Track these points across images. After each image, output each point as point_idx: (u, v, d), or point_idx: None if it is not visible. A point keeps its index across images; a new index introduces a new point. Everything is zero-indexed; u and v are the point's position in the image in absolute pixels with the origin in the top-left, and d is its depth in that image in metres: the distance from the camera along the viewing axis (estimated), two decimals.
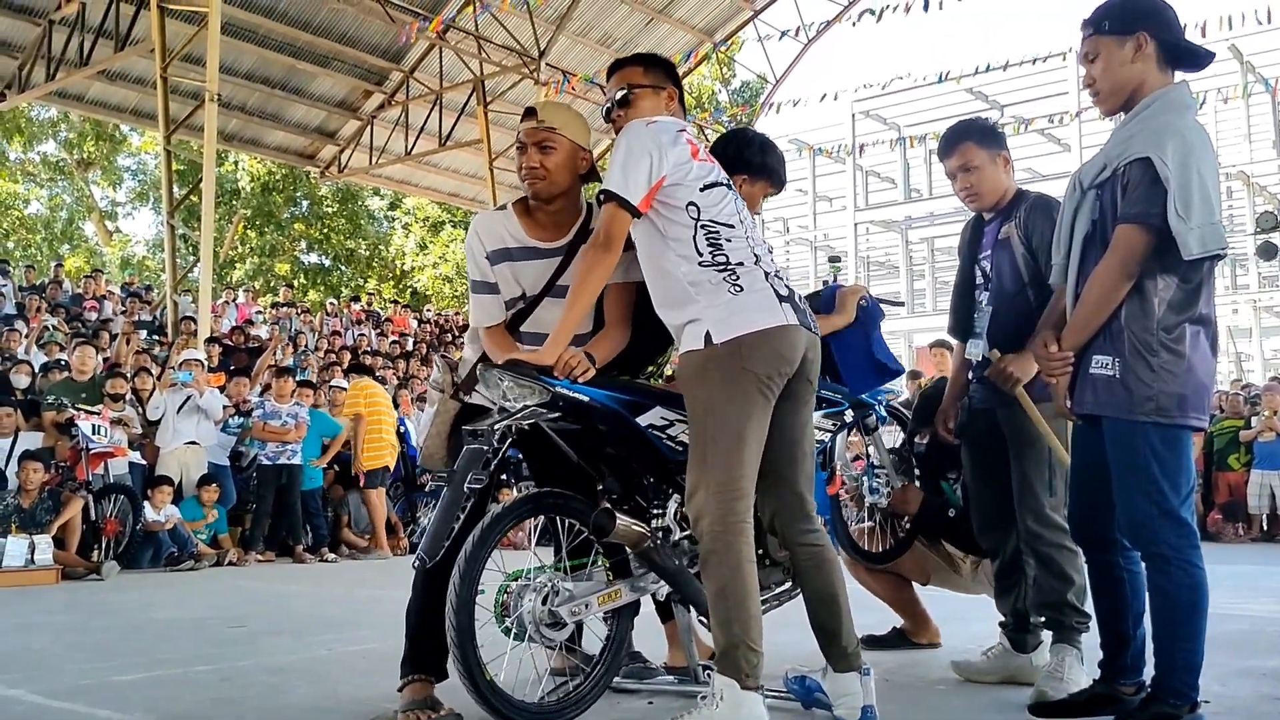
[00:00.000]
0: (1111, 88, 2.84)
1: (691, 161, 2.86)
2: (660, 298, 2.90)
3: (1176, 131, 2.68)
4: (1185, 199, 2.62)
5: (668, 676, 3.49)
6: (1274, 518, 11.67)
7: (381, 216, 33.46)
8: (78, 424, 8.58)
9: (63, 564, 7.73)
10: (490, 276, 3.14)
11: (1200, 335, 2.73)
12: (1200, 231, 2.62)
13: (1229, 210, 26.45)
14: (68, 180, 31.58)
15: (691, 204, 2.83)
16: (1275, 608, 4.29)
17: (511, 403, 2.78)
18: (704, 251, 2.81)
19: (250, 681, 3.69)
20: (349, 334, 17.61)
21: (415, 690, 2.97)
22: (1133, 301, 2.72)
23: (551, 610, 2.81)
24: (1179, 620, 2.70)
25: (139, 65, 17.73)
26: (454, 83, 19.98)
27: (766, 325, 2.76)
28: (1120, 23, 2.80)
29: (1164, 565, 2.72)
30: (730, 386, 2.72)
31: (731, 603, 2.69)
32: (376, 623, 5.24)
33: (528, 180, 3.08)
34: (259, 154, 23.67)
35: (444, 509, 2.79)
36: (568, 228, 3.15)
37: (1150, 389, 2.69)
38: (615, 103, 3.12)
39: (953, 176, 3.60)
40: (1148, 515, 2.72)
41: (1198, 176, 2.64)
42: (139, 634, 5.05)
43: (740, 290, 2.78)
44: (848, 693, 2.90)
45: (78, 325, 13.67)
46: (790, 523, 2.91)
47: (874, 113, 27.75)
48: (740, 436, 2.71)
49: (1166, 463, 2.71)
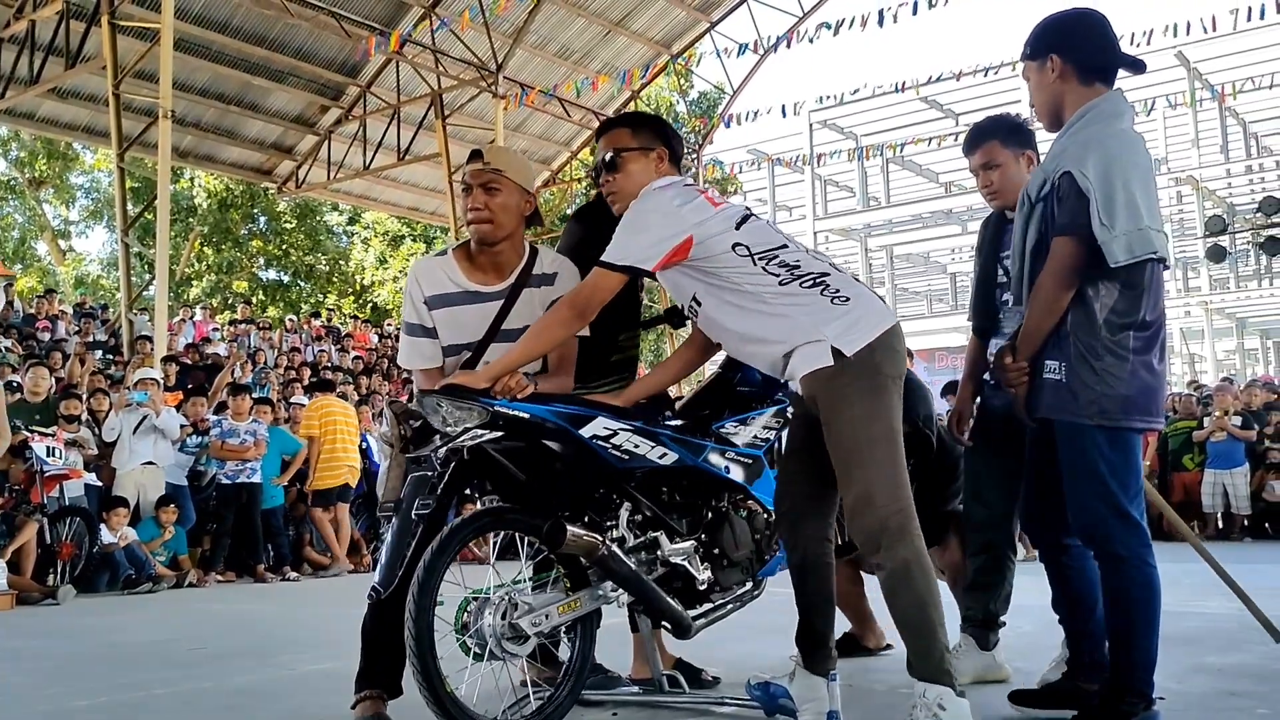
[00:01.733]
0: (1040, 107, 2.98)
1: (712, 210, 2.86)
2: (753, 341, 2.87)
3: (1099, 142, 2.78)
4: (1109, 208, 2.70)
5: (632, 687, 3.50)
6: (1228, 516, 11.86)
7: (341, 231, 33.23)
8: (32, 446, 8.45)
9: (17, 589, 7.59)
10: (428, 321, 3.16)
11: (1146, 339, 2.78)
12: (1126, 238, 2.69)
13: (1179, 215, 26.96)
14: (19, 199, 31.10)
15: (737, 244, 2.83)
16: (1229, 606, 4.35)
17: (452, 426, 2.76)
18: (779, 272, 2.81)
19: (212, 704, 3.65)
20: (309, 350, 17.47)
21: (366, 708, 2.96)
22: (1077, 309, 2.78)
23: (512, 624, 2.79)
24: (1134, 619, 2.76)
25: (91, 82, 17.50)
26: (411, 97, 19.90)
27: (885, 326, 2.78)
28: (1034, 48, 2.96)
29: (1118, 565, 2.78)
30: (875, 396, 2.71)
31: (933, 608, 2.66)
32: (338, 641, 5.18)
33: (472, 223, 3.10)
34: (215, 170, 23.43)
35: (394, 538, 2.79)
36: (509, 270, 3.18)
37: (1094, 392, 2.75)
38: (603, 166, 3.11)
39: (975, 173, 3.64)
40: (1099, 516, 2.78)
41: (1122, 184, 2.71)
42: (97, 659, 4.98)
43: (845, 300, 2.79)
44: (814, 698, 2.92)
45: (31, 345, 13.46)
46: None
47: (831, 122, 28.00)
48: (895, 442, 2.72)
49: (1115, 464, 2.77)
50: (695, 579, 3.08)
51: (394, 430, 3.10)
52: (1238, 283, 27.60)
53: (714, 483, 3.15)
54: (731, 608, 3.22)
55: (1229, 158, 26.07)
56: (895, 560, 2.66)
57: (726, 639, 3.46)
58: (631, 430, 2.92)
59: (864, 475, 2.68)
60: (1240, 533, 11.66)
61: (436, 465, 2.81)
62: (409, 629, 2.65)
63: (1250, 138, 27.66)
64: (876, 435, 2.69)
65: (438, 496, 2.86)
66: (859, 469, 2.69)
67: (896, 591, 2.68)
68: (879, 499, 2.67)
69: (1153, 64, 22.47)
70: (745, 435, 3.21)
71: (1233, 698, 3.30)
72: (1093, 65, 2.89)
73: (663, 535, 3.05)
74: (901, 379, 2.80)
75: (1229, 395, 12.54)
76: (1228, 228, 21.34)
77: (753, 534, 3.20)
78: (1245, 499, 11.68)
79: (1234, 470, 11.74)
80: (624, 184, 3.05)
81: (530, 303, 3.16)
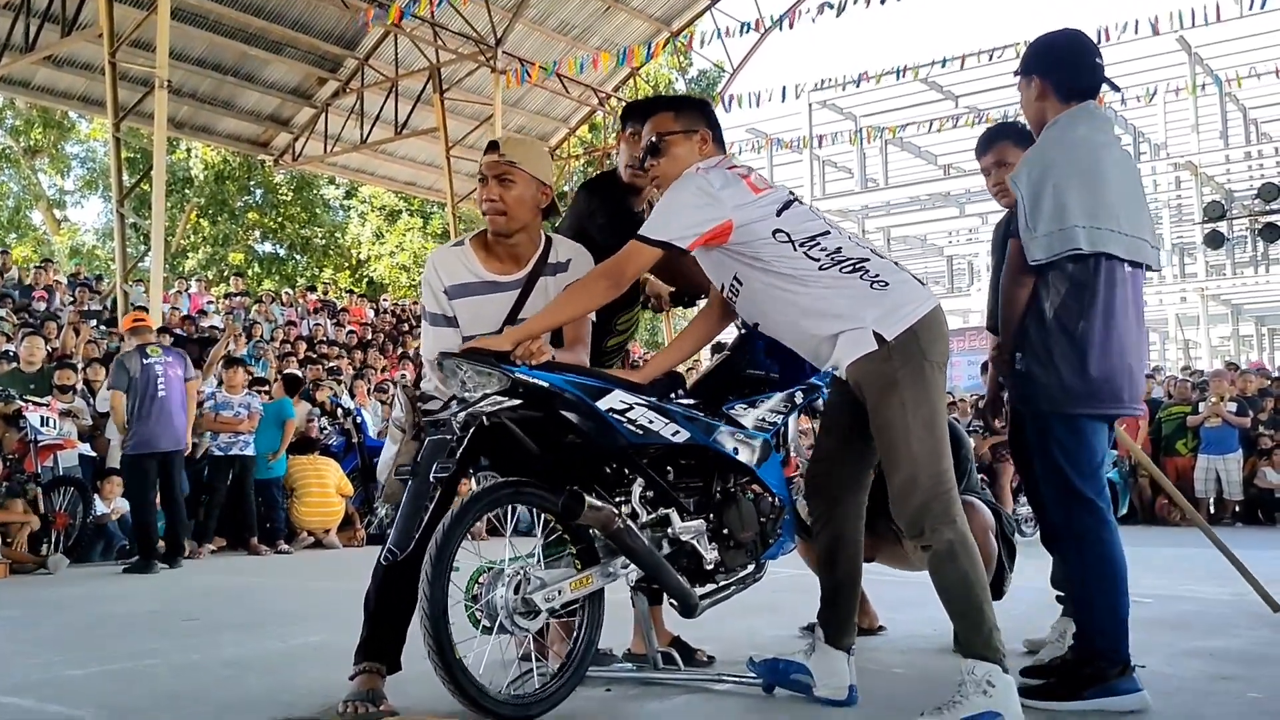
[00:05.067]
0: (1029, 121, 3.27)
1: (753, 195, 2.88)
2: (792, 325, 2.91)
3: (1040, 151, 3.06)
4: (1034, 212, 2.97)
5: (626, 664, 3.50)
6: (1220, 502, 11.90)
7: (337, 205, 33.12)
8: (26, 416, 8.43)
9: (10, 559, 7.59)
10: (449, 310, 3.15)
11: (1099, 331, 2.97)
12: (1046, 239, 2.95)
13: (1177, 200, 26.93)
14: (14, 168, 30.92)
15: (778, 230, 2.86)
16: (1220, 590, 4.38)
17: (471, 391, 2.76)
18: (819, 257, 2.84)
19: (203, 675, 3.65)
20: (305, 324, 17.43)
21: (363, 682, 2.95)
22: (1032, 305, 3.02)
23: (525, 598, 2.80)
24: (1095, 591, 2.99)
25: (86, 50, 17.37)
26: (410, 70, 19.79)
27: (926, 309, 2.82)
28: (1023, 67, 3.24)
29: (1077, 544, 3.01)
30: (919, 381, 2.76)
31: (979, 587, 2.72)
32: (330, 615, 5.20)
33: (487, 214, 3.10)
34: (211, 142, 23.30)
35: (410, 501, 2.78)
36: (526, 260, 3.18)
37: (1046, 382, 2.98)
38: (647, 151, 3.10)
39: (987, 172, 3.86)
40: (1056, 499, 3.03)
41: (1051, 189, 2.97)
42: (90, 628, 4.98)
43: (884, 284, 2.83)
44: (834, 672, 3.00)
45: (25, 315, 13.42)
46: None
47: (831, 103, 27.88)
48: (940, 426, 2.78)
49: (1069, 449, 2.99)
50: (703, 558, 3.08)
51: (407, 415, 3.08)
52: (1234, 269, 27.60)
53: (722, 463, 3.15)
54: (735, 589, 3.22)
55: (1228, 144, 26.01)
56: (940, 541, 2.73)
57: (719, 618, 3.47)
58: (646, 406, 2.92)
59: (910, 460, 2.74)
60: (1232, 518, 11.72)
61: (456, 429, 2.80)
62: (423, 592, 2.65)
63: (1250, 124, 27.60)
64: (922, 419, 2.75)
65: (456, 460, 2.85)
66: (905, 454, 2.75)
67: (942, 572, 2.74)
68: (924, 481, 2.74)
69: (1154, 49, 22.46)
70: (753, 418, 3.21)
71: (1223, 681, 3.32)
72: (1072, 85, 3.13)
73: (674, 513, 3.05)
74: (945, 362, 2.85)
75: (1225, 381, 12.57)
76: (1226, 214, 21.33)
77: (758, 516, 3.20)
78: (1238, 484, 11.74)
79: (1227, 456, 11.79)
80: (668, 168, 3.05)
81: (545, 292, 3.15)
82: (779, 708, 3.04)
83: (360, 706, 2.86)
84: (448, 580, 2.69)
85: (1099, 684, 2.91)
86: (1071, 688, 2.94)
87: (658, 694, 3.22)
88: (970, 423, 10.94)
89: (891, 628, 4.34)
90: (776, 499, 3.24)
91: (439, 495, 2.87)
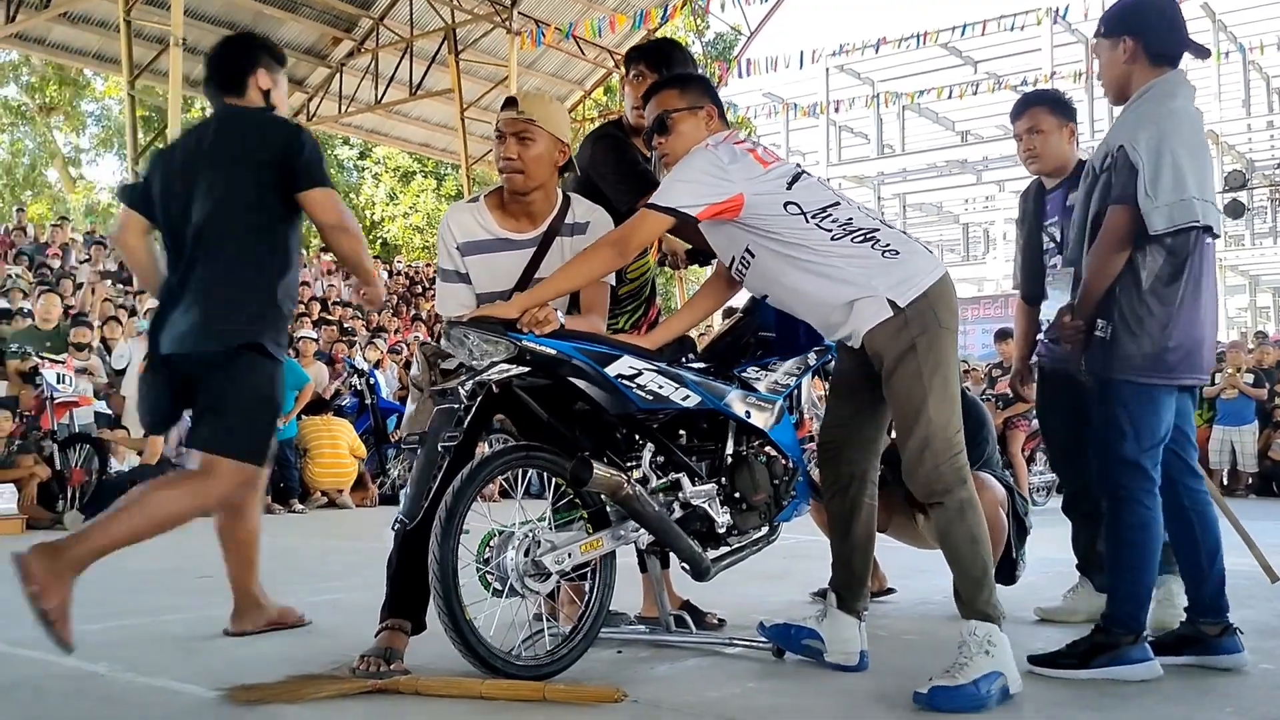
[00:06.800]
0: (1108, 82, 3.19)
1: (762, 169, 2.88)
2: (805, 295, 2.92)
3: (1153, 119, 2.97)
4: (1155, 180, 2.89)
5: (639, 625, 3.52)
6: (1234, 473, 11.86)
7: (351, 166, 33.03)
8: (42, 373, 8.48)
9: (26, 515, 7.66)
10: (462, 267, 3.14)
11: (1189, 302, 2.96)
12: (1168, 209, 2.89)
13: None
14: (30, 125, 30.90)
15: (789, 203, 2.86)
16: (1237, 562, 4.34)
17: (478, 360, 2.76)
18: (831, 228, 2.86)
19: (218, 631, 3.68)
20: (318, 285, 17.44)
21: (384, 639, 2.98)
22: (1126, 273, 2.97)
23: (535, 561, 2.81)
24: (1124, 555, 3.00)
25: (101, 8, 17.29)
26: (425, 30, 19.66)
27: (936, 276, 2.85)
28: (1109, 28, 3.15)
29: (1117, 506, 3.01)
30: (933, 347, 2.79)
31: (983, 549, 2.78)
32: (345, 574, 5.23)
33: (504, 172, 3.08)
34: None
35: (420, 470, 2.80)
36: (542, 219, 3.16)
37: (1129, 349, 2.94)
38: (654, 129, 3.11)
39: (1019, 138, 3.90)
40: (1107, 461, 3.01)
41: (1170, 158, 2.91)
42: (105, 584, 4.99)
43: (896, 253, 2.85)
44: (846, 638, 3.02)
45: (43, 273, 13.46)
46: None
47: (848, 68, 27.64)
48: (952, 391, 2.82)
49: (1135, 417, 2.97)
50: (715, 522, 3.09)
51: (424, 374, 3.07)
52: (1253, 239, 27.38)
53: (734, 427, 3.14)
54: (747, 552, 3.23)
55: (1250, 112, 25.72)
56: (951, 500, 2.79)
57: (730, 583, 3.47)
58: (656, 371, 2.91)
59: (925, 423, 2.78)
60: (1245, 490, 11.68)
61: (463, 398, 2.80)
62: (433, 555, 2.67)
63: (1273, 93, 27.27)
64: (935, 386, 2.78)
65: (464, 429, 2.86)
66: (921, 418, 2.78)
67: (951, 532, 2.79)
68: (937, 445, 2.78)
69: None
70: (767, 381, 3.20)
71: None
72: (1161, 49, 3.07)
73: (684, 477, 3.05)
74: (956, 329, 2.87)
75: (1242, 352, 12.48)
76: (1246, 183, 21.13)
77: (771, 479, 3.19)
78: (1253, 457, 11.69)
79: (1243, 428, 11.73)
80: (675, 145, 3.06)
81: (561, 251, 3.13)
82: (789, 672, 3.05)
83: (375, 663, 2.89)
84: (457, 542, 2.71)
85: (1109, 651, 2.92)
86: (1082, 656, 2.95)
87: (669, 656, 3.24)
88: (984, 391, 10.91)
89: (903, 594, 4.34)
90: (790, 461, 3.23)
91: (448, 463, 2.88)
